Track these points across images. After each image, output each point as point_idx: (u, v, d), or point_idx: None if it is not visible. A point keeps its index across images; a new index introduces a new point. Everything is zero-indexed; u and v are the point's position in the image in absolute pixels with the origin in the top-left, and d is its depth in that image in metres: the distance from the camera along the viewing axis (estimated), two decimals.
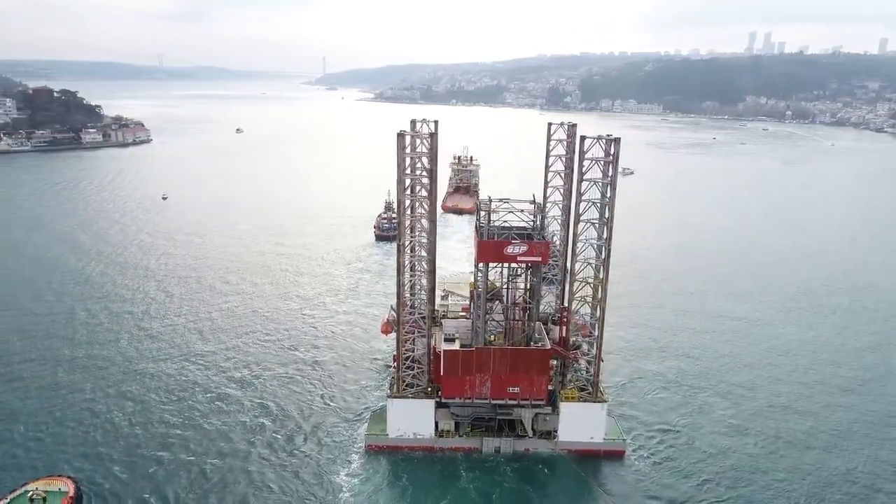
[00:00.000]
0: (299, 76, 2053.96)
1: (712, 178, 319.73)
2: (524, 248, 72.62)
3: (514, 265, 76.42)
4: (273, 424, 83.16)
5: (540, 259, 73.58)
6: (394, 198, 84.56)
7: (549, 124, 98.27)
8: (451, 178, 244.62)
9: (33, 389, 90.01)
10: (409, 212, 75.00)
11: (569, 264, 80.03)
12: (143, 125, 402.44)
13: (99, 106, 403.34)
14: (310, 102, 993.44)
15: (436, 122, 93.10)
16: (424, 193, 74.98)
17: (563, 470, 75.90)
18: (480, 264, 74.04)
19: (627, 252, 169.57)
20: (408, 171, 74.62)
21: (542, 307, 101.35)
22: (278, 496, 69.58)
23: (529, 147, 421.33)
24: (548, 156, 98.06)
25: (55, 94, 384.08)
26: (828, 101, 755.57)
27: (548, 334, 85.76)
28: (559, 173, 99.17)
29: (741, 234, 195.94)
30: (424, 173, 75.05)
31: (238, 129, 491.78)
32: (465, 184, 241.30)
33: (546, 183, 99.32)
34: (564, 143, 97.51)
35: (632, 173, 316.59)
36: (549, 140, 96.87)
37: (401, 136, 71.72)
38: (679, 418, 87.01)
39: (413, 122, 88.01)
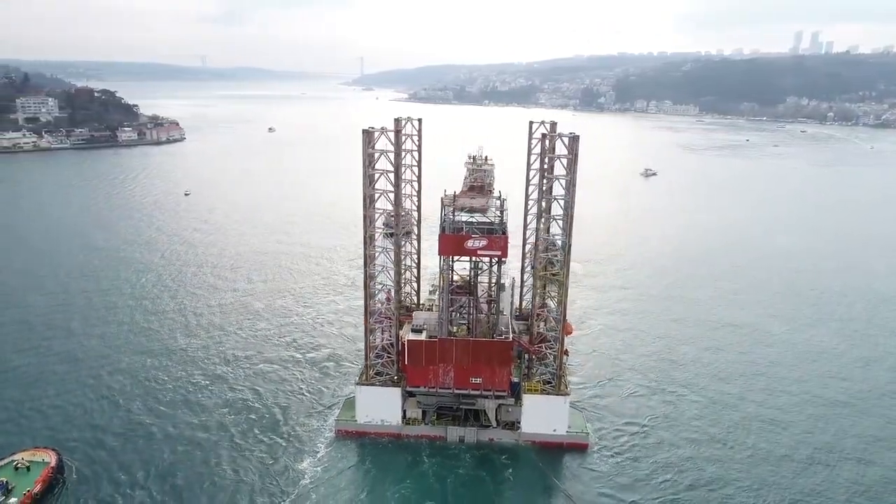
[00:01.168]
0: (337, 77, 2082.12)
1: (736, 180, 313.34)
2: (484, 242, 74.95)
3: (476, 259, 78.41)
4: (253, 409, 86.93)
5: (499, 253, 75.64)
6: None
7: (531, 122, 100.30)
8: (465, 178, 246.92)
9: (28, 371, 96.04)
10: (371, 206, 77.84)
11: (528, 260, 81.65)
12: (177, 124, 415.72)
13: (136, 105, 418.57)
14: (345, 103, 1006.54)
15: (420, 121, 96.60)
16: (390, 188, 77.52)
17: (520, 459, 77.60)
18: (443, 257, 76.49)
19: (638, 253, 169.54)
20: (377, 165, 77.29)
21: (524, 303, 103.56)
22: (244, 476, 73.10)
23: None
24: (529, 153, 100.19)
25: (95, 94, 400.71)
26: (874, 102, 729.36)
27: (528, 329, 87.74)
28: (542, 171, 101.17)
29: (756, 238, 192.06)
30: (396, 168, 77.60)
31: (270, 129, 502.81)
32: (479, 183, 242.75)
33: (528, 181, 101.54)
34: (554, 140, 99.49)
35: (655, 174, 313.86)
36: (530, 138, 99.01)
37: (366, 133, 74.46)
38: (653, 420, 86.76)
39: (397, 120, 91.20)
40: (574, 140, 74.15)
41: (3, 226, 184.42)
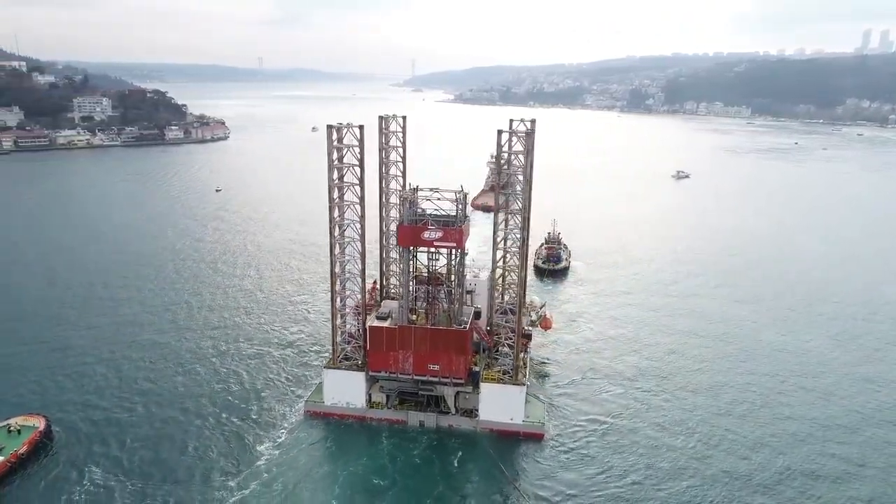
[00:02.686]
0: (389, 78, 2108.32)
1: (770, 184, 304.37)
2: (439, 233, 77.94)
3: (433, 250, 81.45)
4: (236, 388, 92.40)
5: (454, 244, 78.45)
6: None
7: (511, 120, 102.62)
8: (487, 177, 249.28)
9: (31, 345, 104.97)
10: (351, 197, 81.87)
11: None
12: (223, 123, 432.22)
13: (184, 105, 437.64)
14: (391, 103, 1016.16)
15: (404, 118, 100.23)
16: (356, 180, 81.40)
17: (472, 444, 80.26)
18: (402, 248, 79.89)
19: (648, 256, 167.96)
20: (345, 159, 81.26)
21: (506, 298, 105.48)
22: (215, 448, 78.39)
23: (587, 149, 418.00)
24: (510, 150, 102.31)
25: (147, 95, 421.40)
26: None
27: (506, 322, 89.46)
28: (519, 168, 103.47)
29: (777, 244, 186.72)
30: (361, 162, 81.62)
31: (314, 128, 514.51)
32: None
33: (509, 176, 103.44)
34: (523, 139, 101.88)
35: (687, 177, 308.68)
36: (510, 135, 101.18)
37: (330, 128, 78.59)
38: (617, 421, 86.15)
39: (382, 118, 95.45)
40: (527, 135, 76.10)
41: (41, 219, 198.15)
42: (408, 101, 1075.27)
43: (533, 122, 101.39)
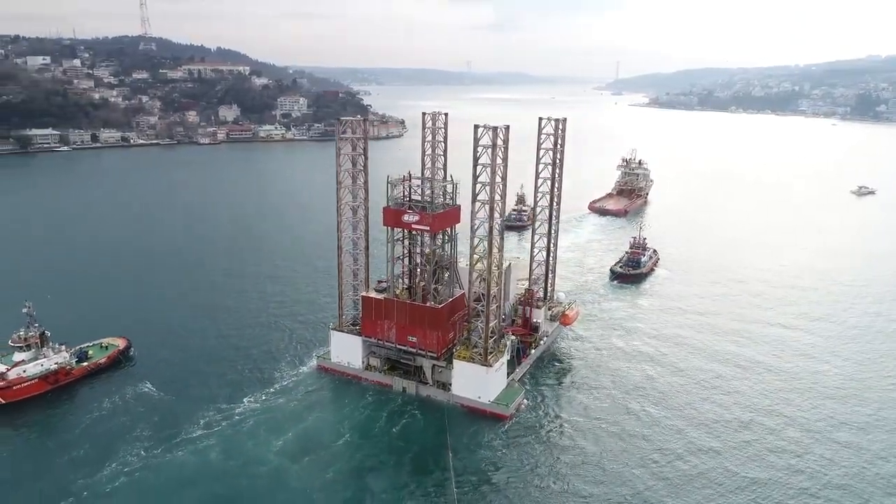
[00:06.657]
0: (592, 81, 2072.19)
1: None
2: (416, 217, 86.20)
3: (412, 231, 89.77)
4: (276, 338, 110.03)
5: (428, 228, 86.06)
6: (526, 191, 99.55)
7: (540, 119, 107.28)
8: (617, 181, 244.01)
9: (136, 292, 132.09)
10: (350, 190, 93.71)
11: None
12: (402, 122, 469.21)
13: (370, 105, 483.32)
14: (583, 107, 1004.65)
15: (446, 115, 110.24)
16: (361, 166, 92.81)
17: (433, 414, 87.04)
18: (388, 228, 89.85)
19: (773, 279, 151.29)
20: (352, 152, 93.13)
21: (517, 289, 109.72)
22: (241, 376, 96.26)
23: (770, 159, 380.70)
24: (539, 149, 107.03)
25: (340, 95, 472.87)
26: None
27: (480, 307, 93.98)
28: (548, 165, 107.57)
29: None
30: (365, 151, 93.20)
31: None
32: (629, 186, 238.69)
33: (537, 174, 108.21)
34: (552, 137, 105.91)
35: (871, 193, 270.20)
36: (539, 134, 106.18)
37: (339, 121, 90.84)
38: (594, 428, 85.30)
39: (424, 114, 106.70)
40: (503, 130, 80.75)
41: (229, 195, 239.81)
42: (602, 105, 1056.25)
43: (562, 121, 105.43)
